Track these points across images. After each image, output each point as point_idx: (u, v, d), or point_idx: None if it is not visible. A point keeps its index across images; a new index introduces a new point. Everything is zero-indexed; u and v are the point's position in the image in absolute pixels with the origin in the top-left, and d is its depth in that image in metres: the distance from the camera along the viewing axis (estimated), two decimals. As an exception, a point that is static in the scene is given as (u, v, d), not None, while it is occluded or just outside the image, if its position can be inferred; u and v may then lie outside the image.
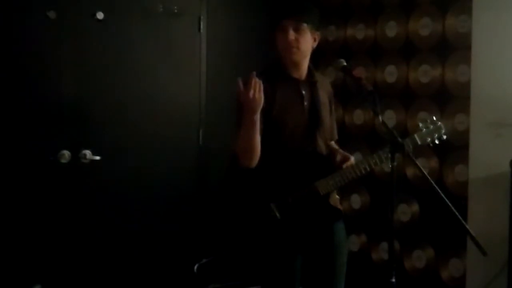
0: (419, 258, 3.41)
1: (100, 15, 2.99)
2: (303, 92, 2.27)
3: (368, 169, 2.23)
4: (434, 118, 2.35)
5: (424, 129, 2.32)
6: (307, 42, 2.23)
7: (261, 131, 2.12)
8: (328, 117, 2.38)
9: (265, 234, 2.17)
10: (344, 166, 2.25)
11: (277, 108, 2.20)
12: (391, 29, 3.54)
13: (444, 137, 2.35)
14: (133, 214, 3.16)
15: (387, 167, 2.11)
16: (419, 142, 2.30)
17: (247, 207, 2.18)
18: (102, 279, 3.07)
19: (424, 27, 3.36)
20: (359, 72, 3.62)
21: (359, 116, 3.75)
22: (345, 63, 2.16)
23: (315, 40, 2.28)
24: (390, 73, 3.55)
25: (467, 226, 1.85)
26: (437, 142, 2.33)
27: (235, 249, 2.28)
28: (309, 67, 2.33)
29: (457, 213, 1.82)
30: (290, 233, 2.18)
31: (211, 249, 3.41)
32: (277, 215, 2.15)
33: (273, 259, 2.21)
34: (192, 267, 3.34)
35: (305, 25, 2.21)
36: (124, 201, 3.13)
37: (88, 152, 2.98)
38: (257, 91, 2.00)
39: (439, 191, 1.85)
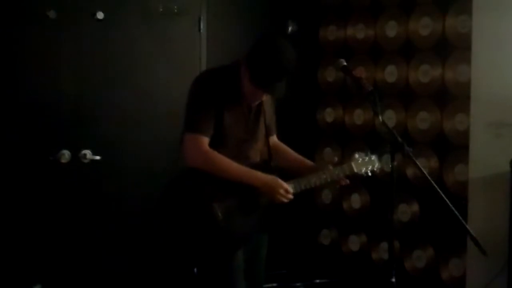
0: (419, 258, 3.41)
1: (100, 15, 2.99)
2: (251, 106, 2.31)
3: (318, 184, 2.30)
4: (369, 153, 2.42)
5: (360, 160, 2.37)
6: None
7: (211, 135, 2.19)
8: (269, 119, 2.42)
9: (206, 232, 2.19)
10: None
11: (227, 119, 2.22)
12: (391, 29, 3.54)
13: (377, 170, 2.41)
14: (133, 214, 3.16)
15: (387, 167, 2.11)
16: (355, 170, 2.35)
17: (191, 205, 2.20)
18: (102, 279, 3.06)
19: (424, 27, 3.36)
20: (359, 72, 3.62)
21: (359, 116, 3.75)
22: (345, 63, 2.16)
23: None
24: (390, 73, 3.55)
25: (467, 226, 1.85)
26: (369, 173, 2.39)
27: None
28: None
29: (457, 213, 1.82)
30: (230, 233, 2.21)
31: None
32: (219, 215, 2.18)
33: (214, 256, 2.23)
34: (192, 267, 3.33)
35: None
36: (124, 201, 3.13)
37: (88, 152, 2.98)
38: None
39: (439, 191, 1.85)
